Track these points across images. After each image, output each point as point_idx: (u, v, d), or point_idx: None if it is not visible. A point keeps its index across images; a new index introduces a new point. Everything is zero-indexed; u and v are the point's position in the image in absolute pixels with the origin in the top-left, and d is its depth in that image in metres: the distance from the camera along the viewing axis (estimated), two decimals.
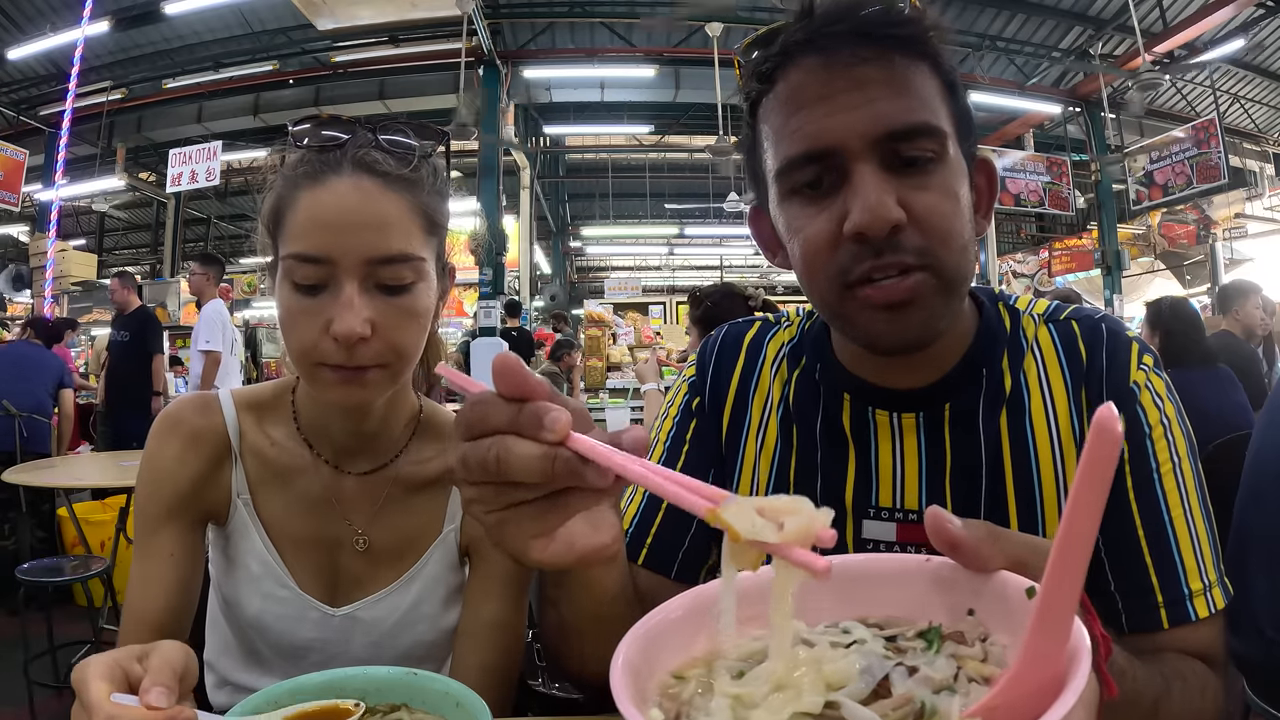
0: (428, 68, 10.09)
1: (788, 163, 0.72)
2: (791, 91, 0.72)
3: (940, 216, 0.69)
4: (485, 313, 7.99)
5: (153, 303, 9.52)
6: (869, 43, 0.69)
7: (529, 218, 12.01)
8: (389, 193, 0.81)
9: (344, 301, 0.78)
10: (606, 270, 19.86)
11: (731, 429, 0.89)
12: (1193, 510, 0.74)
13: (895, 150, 0.68)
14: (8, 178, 8.68)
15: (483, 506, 0.47)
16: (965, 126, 0.74)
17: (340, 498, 0.91)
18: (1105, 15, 10.07)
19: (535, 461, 0.43)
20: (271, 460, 0.91)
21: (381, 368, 0.81)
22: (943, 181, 0.70)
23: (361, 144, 0.82)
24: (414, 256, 0.82)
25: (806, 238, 0.72)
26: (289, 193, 0.82)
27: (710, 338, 0.96)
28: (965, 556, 0.39)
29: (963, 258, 0.71)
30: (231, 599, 0.91)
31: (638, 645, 0.36)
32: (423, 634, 0.92)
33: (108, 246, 15.89)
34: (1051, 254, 12.92)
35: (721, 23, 9.02)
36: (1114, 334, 0.80)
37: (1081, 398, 0.78)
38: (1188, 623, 0.70)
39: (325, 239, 0.79)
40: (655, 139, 14.26)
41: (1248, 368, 3.73)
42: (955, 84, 0.74)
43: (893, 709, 0.30)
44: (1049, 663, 0.30)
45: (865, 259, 0.68)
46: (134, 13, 9.29)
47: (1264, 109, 12.89)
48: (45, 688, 2.82)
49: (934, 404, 0.79)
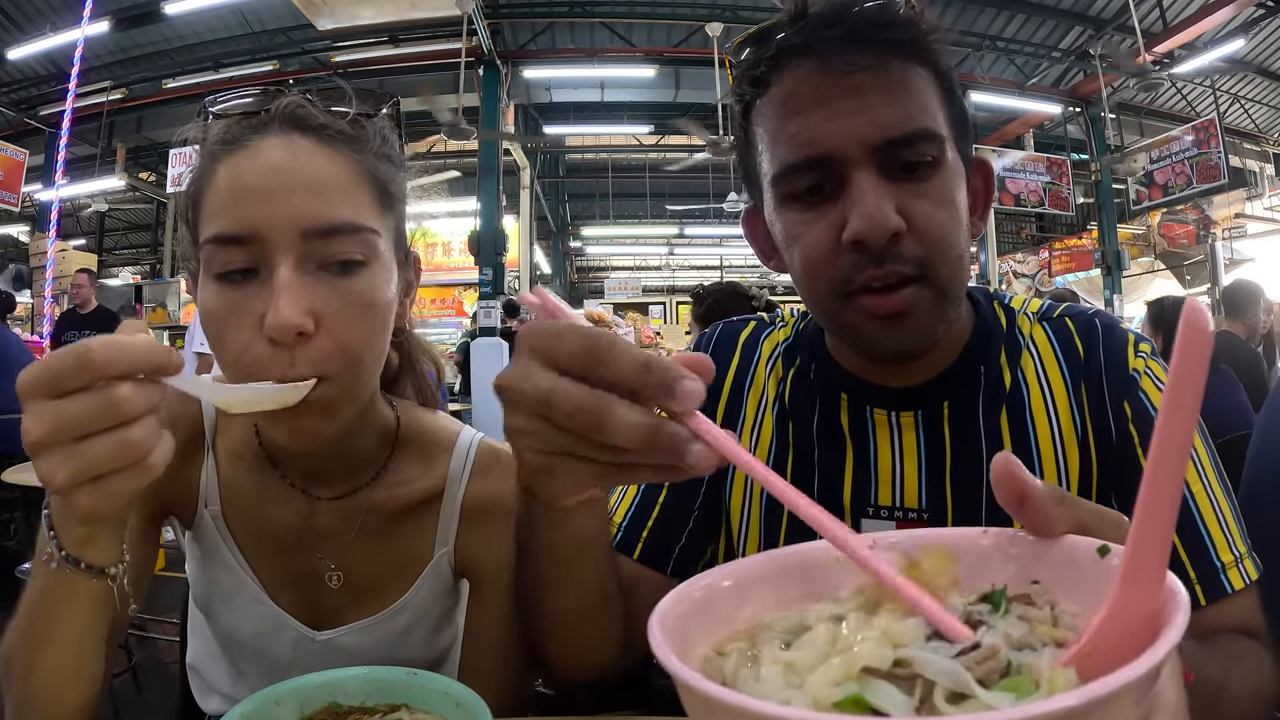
0: (428, 68, 10.08)
1: (785, 169, 0.71)
2: (787, 96, 0.71)
3: (938, 225, 0.69)
4: (485, 313, 7.98)
5: (153, 302, 9.55)
6: (865, 47, 0.68)
7: (529, 218, 12.00)
8: (326, 150, 0.67)
9: (278, 285, 0.62)
10: (606, 270, 19.86)
11: (725, 427, 0.88)
12: (1212, 486, 0.73)
13: (894, 156, 0.68)
14: (8, 178, 8.67)
15: (536, 443, 0.41)
16: (962, 129, 0.74)
17: (314, 527, 0.79)
18: (1105, 15, 10.07)
19: (642, 431, 0.37)
20: (240, 478, 0.80)
21: (325, 382, 0.63)
22: (941, 187, 0.70)
23: (292, 104, 0.69)
24: (363, 227, 0.67)
25: (805, 245, 0.72)
26: (207, 168, 0.68)
27: (705, 335, 0.96)
28: (1031, 514, 0.35)
29: (959, 266, 0.71)
30: (207, 609, 0.84)
31: (676, 612, 0.32)
32: (414, 656, 0.83)
33: (108, 246, 15.88)
34: (1051, 254, 12.92)
35: (721, 23, 9.02)
36: (1108, 328, 0.80)
37: (1082, 393, 0.78)
38: (1224, 596, 0.70)
39: (249, 211, 0.63)
40: (655, 139, 14.27)
41: (1251, 369, 3.72)
42: (953, 86, 0.73)
43: (977, 662, 0.26)
44: (1143, 601, 0.27)
45: (865, 267, 0.68)
46: (134, 13, 9.29)
47: (1264, 109, 12.89)
48: None
49: (932, 402, 0.79)
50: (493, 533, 0.80)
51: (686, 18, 10.18)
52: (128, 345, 0.46)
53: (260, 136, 0.67)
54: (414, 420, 0.84)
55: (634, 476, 0.43)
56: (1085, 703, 0.22)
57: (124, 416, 0.46)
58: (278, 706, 0.59)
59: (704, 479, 0.86)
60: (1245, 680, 0.64)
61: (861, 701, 0.25)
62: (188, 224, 0.70)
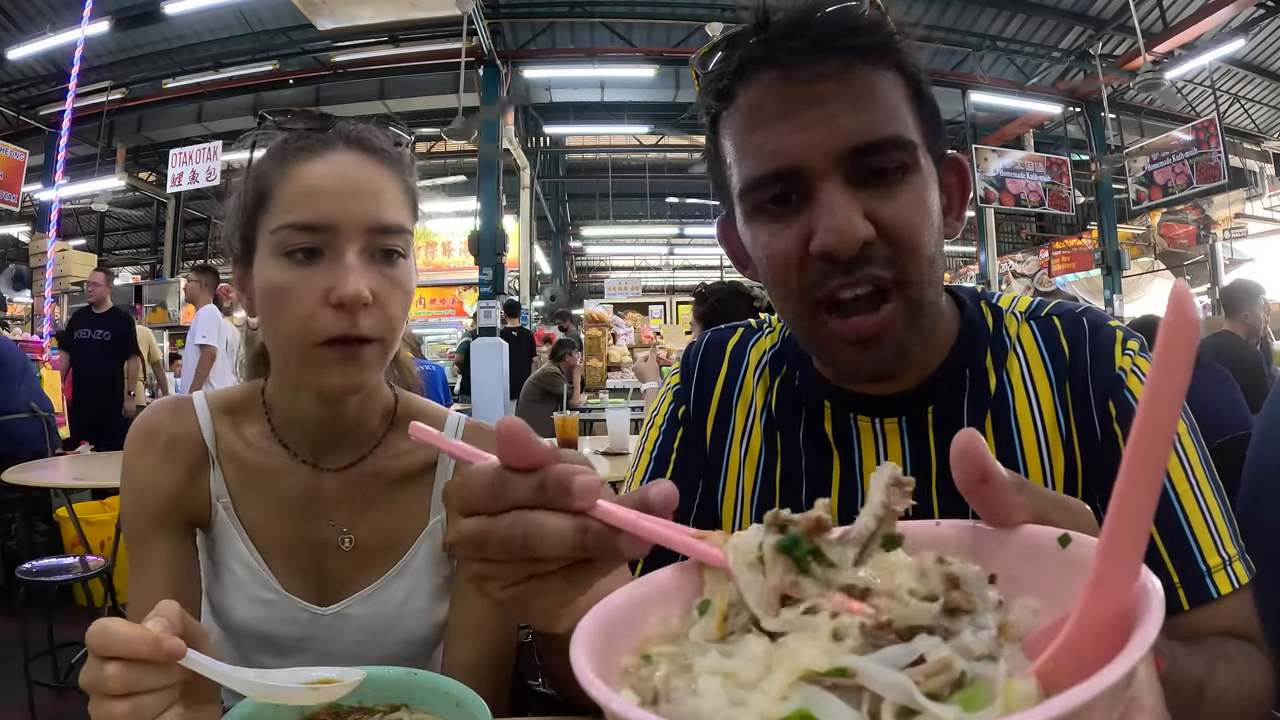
0: (428, 68, 10.10)
1: (750, 182, 0.70)
2: (751, 108, 0.70)
3: (909, 228, 0.67)
4: (485, 313, 7.98)
5: (153, 302, 9.56)
6: (828, 54, 0.67)
7: (529, 218, 12.01)
8: (384, 168, 0.84)
9: (347, 266, 0.78)
10: (606, 270, 19.87)
11: (716, 436, 0.88)
12: (1200, 486, 0.71)
13: (861, 164, 0.67)
14: (8, 178, 8.67)
15: (499, 583, 0.43)
16: (934, 128, 0.73)
17: (321, 496, 0.90)
18: (1105, 15, 10.07)
19: (568, 535, 0.39)
20: (249, 463, 0.90)
21: (377, 342, 0.81)
22: (911, 191, 0.68)
23: (350, 127, 0.85)
24: (406, 229, 0.84)
25: (772, 257, 0.71)
26: (277, 169, 0.82)
27: (693, 345, 0.95)
28: (990, 500, 0.35)
29: (931, 270, 0.70)
30: (218, 603, 0.90)
31: (598, 625, 0.32)
32: (413, 629, 0.92)
33: (108, 246, 15.89)
34: (1051, 254, 12.92)
35: (721, 22, 9.03)
36: (1096, 326, 0.79)
37: (1066, 394, 0.77)
38: (1209, 601, 0.68)
39: (325, 206, 0.79)
40: (655, 139, 14.27)
41: (1252, 368, 3.72)
42: (921, 86, 0.72)
43: (926, 675, 0.25)
44: (1116, 599, 0.26)
45: (834, 275, 0.67)
46: (134, 13, 9.29)
47: (1264, 109, 12.89)
48: (45, 688, 2.82)
49: (916, 408, 0.78)
50: None
51: (686, 18, 10.19)
52: (113, 634, 0.53)
53: (331, 150, 0.82)
54: (409, 401, 0.97)
55: (591, 573, 0.43)
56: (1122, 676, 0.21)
57: (108, 692, 0.53)
58: (277, 706, 0.59)
59: (695, 499, 0.88)
60: (1233, 679, 0.62)
61: (809, 717, 0.24)
62: (247, 216, 0.83)
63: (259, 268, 0.81)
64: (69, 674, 2.96)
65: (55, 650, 2.97)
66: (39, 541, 3.98)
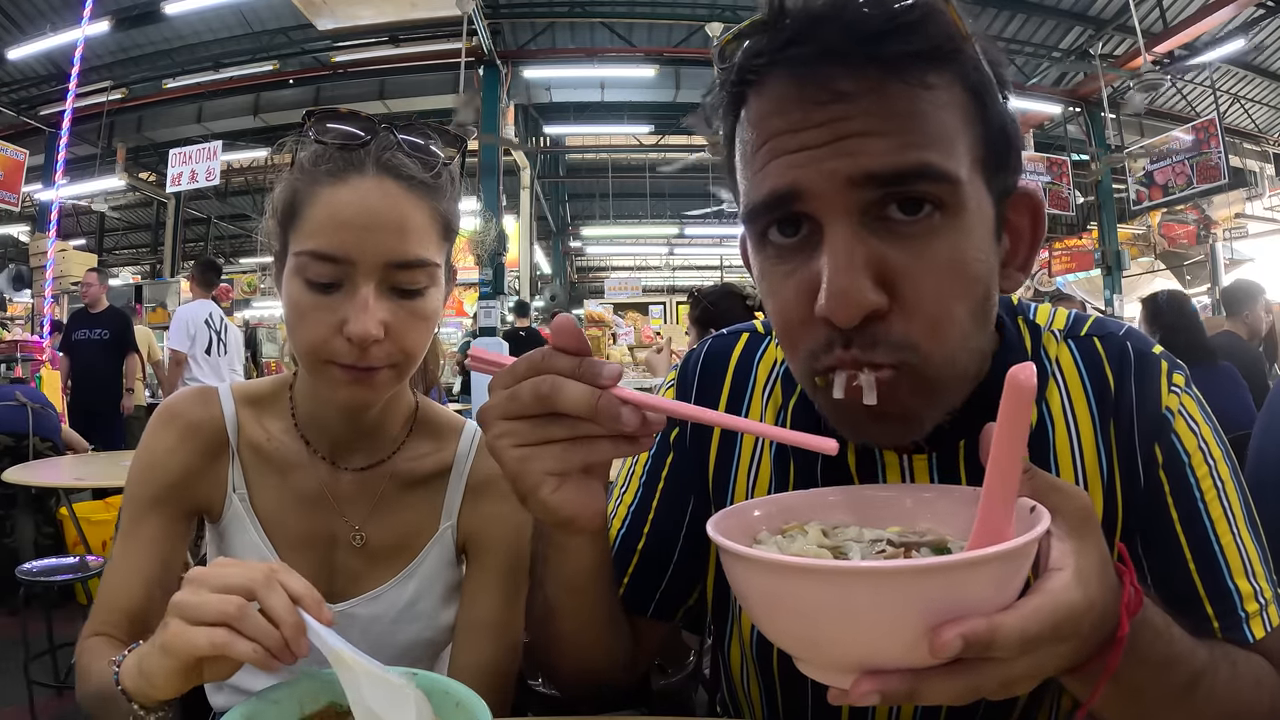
0: (428, 68, 10.09)
1: (750, 211, 0.60)
2: (758, 122, 0.58)
3: (933, 298, 0.55)
4: (485, 313, 7.98)
5: (153, 302, 9.55)
6: (850, 62, 0.53)
7: (529, 218, 12.01)
8: (411, 197, 0.80)
9: (360, 303, 0.77)
10: (606, 270, 19.88)
11: (720, 461, 0.79)
12: (1241, 534, 0.67)
13: (881, 200, 0.54)
14: (8, 178, 8.66)
15: (513, 439, 0.52)
16: (999, 157, 0.58)
17: (336, 494, 0.91)
18: (1105, 15, 10.07)
19: (585, 396, 0.50)
20: (268, 455, 0.91)
21: (390, 368, 0.81)
22: (944, 241, 0.55)
23: (386, 145, 0.81)
24: (430, 262, 0.81)
25: (776, 309, 0.61)
26: (306, 187, 0.80)
27: (691, 355, 0.85)
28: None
29: (959, 349, 0.58)
30: None
31: (726, 516, 0.54)
32: (420, 631, 0.92)
33: (108, 246, 15.89)
34: (1051, 254, 12.91)
35: (721, 22, 9.02)
36: (1141, 355, 0.71)
37: (1110, 433, 0.69)
38: (1245, 645, 0.64)
39: (345, 238, 0.77)
40: (655, 139, 14.26)
41: (1253, 368, 3.72)
42: (988, 102, 0.57)
43: (892, 543, 0.50)
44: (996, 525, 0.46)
45: (835, 347, 0.56)
46: (134, 13, 9.29)
47: (1264, 109, 12.89)
48: (45, 687, 2.82)
49: (946, 442, 0.68)
50: (493, 508, 0.93)
51: (686, 18, 10.18)
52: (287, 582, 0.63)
53: (359, 175, 0.79)
54: (429, 408, 0.99)
55: (594, 450, 0.52)
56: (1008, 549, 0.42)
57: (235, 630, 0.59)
58: (277, 706, 0.59)
59: (687, 509, 0.80)
60: (1235, 686, 0.59)
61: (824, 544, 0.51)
62: (279, 223, 0.83)
63: (286, 276, 0.82)
64: (69, 674, 2.96)
65: (55, 650, 2.97)
66: (44, 544, 3.97)
